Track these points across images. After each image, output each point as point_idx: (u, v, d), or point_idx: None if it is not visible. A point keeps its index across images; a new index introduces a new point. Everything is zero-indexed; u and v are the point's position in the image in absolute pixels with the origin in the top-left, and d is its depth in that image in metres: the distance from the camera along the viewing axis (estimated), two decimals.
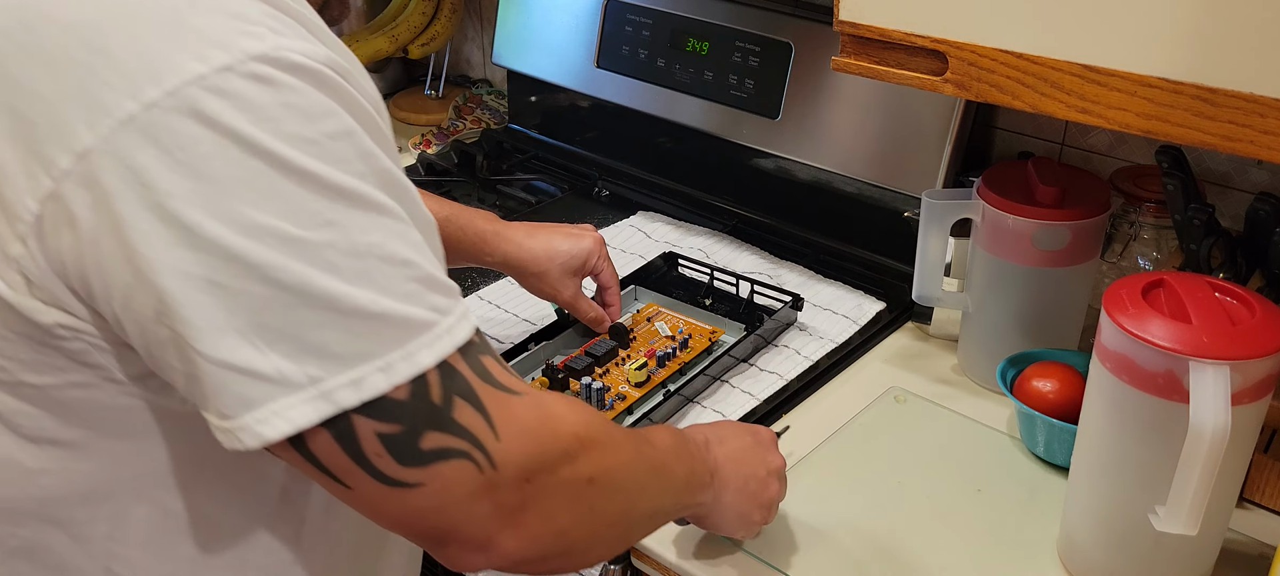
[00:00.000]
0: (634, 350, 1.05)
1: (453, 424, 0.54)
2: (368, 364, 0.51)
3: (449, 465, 0.54)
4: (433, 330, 0.54)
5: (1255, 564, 0.83)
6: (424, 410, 0.53)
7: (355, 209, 0.52)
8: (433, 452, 0.54)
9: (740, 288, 1.14)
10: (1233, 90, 0.70)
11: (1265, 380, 0.70)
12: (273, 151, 0.49)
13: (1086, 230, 0.95)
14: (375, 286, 0.52)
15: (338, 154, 0.51)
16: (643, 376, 0.99)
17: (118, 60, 0.49)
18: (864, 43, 0.87)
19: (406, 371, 0.52)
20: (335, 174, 0.51)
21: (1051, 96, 0.78)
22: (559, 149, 1.54)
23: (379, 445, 0.53)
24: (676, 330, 1.08)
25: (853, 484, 0.91)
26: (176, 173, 0.48)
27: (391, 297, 0.52)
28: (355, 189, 0.52)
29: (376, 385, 0.52)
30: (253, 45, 0.50)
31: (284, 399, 0.51)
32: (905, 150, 1.16)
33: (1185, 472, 0.69)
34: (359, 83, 0.56)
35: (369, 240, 0.52)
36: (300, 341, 0.51)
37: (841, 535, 0.86)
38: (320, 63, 0.52)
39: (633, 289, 1.15)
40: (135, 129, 0.48)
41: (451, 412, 0.54)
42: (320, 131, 0.51)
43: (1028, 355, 0.98)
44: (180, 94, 0.48)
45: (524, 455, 0.56)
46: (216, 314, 0.50)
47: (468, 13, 1.76)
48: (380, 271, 0.52)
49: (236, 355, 0.50)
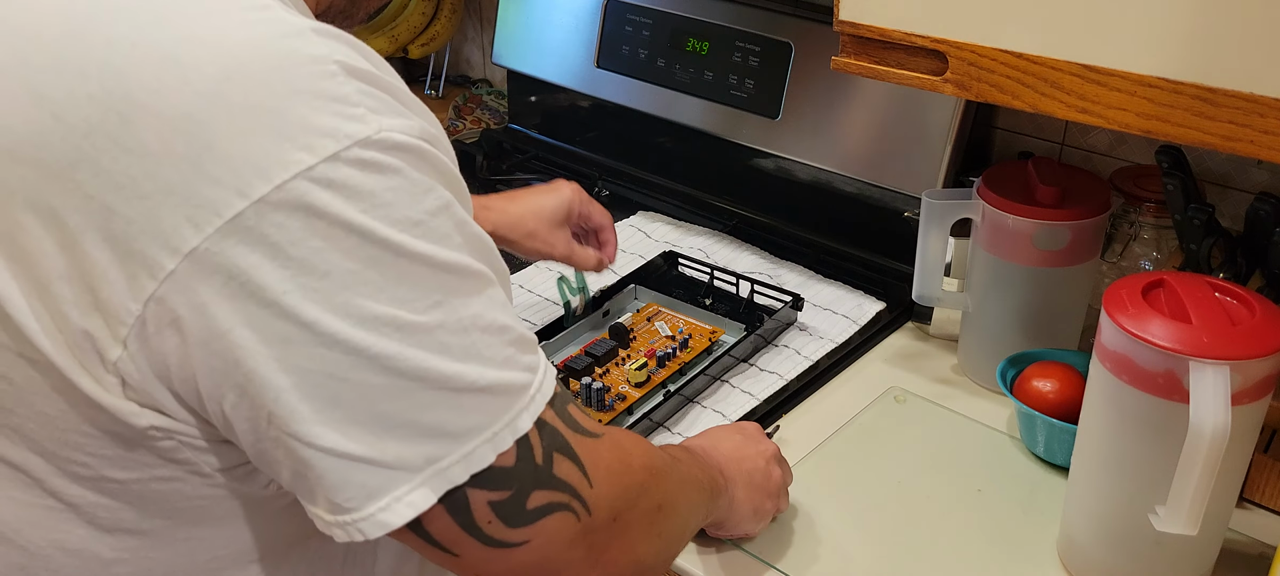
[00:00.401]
0: (634, 350, 1.05)
1: (554, 479, 0.55)
2: (477, 438, 0.52)
3: (552, 519, 0.55)
4: (528, 392, 0.54)
5: (1255, 564, 0.83)
6: (529, 472, 0.54)
7: (459, 283, 0.52)
8: (538, 510, 0.54)
9: (740, 287, 1.14)
10: (1233, 90, 0.70)
11: (1265, 380, 0.70)
12: (385, 239, 0.48)
13: (1086, 230, 0.95)
14: (481, 360, 0.52)
15: (440, 230, 0.51)
16: (643, 376, 0.99)
17: (222, 154, 0.47)
18: (864, 43, 0.87)
19: (510, 438, 0.53)
20: (440, 252, 0.51)
21: (1051, 96, 0.78)
22: (559, 149, 1.54)
23: (490, 513, 0.53)
24: (677, 330, 1.08)
25: (853, 484, 0.91)
26: (289, 269, 0.47)
27: (495, 367, 0.52)
28: (457, 263, 0.52)
29: (484, 457, 0.52)
30: (357, 129, 0.48)
31: (404, 485, 0.51)
32: (905, 150, 1.16)
33: (1185, 472, 0.69)
34: (444, 147, 0.55)
35: (472, 313, 0.52)
36: (417, 425, 0.50)
37: (841, 535, 0.86)
38: (418, 138, 0.51)
39: (633, 288, 1.15)
40: (243, 226, 0.47)
41: (552, 469, 0.55)
42: (424, 210, 0.50)
43: (1028, 355, 0.98)
44: (288, 188, 0.47)
45: (613, 496, 0.58)
46: (333, 408, 0.49)
47: (468, 13, 1.76)
48: (484, 343, 0.52)
49: (354, 446, 0.50)
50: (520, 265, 1.23)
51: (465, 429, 0.51)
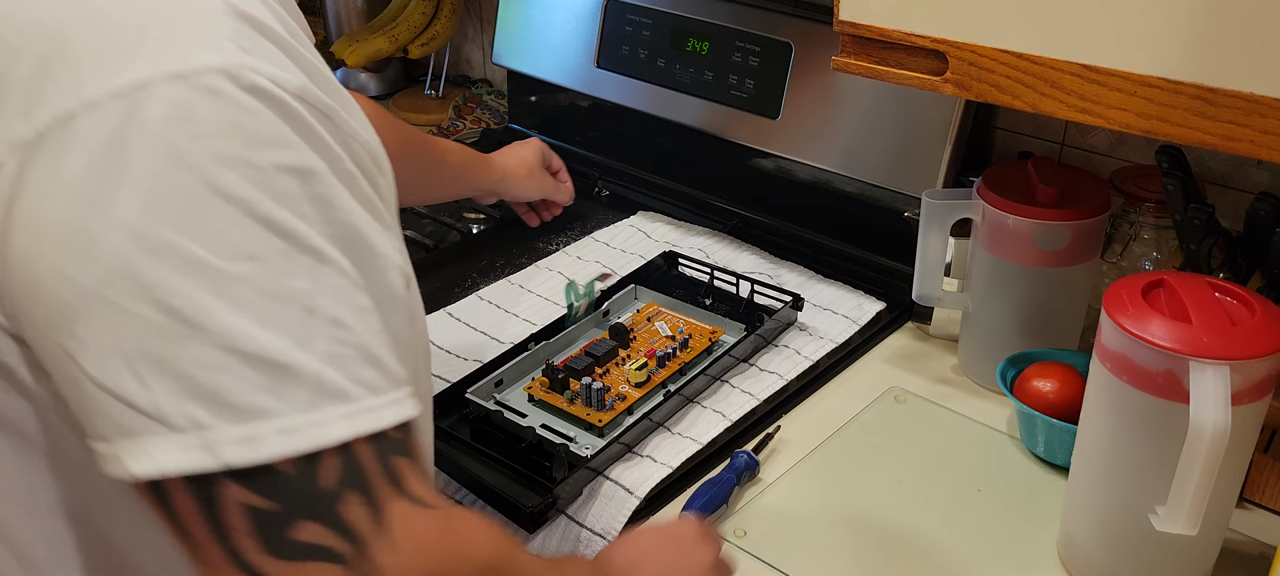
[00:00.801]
0: (634, 350, 1.05)
1: (335, 518, 0.46)
2: (267, 421, 0.45)
3: (315, 568, 0.46)
4: (352, 403, 0.47)
5: (1255, 564, 0.83)
6: (306, 494, 0.46)
7: (289, 251, 0.46)
8: (304, 547, 0.46)
9: (740, 287, 1.14)
10: (1233, 90, 0.70)
11: (1265, 380, 0.70)
12: (204, 171, 0.45)
13: (1086, 230, 0.95)
14: (292, 336, 0.46)
15: (282, 188, 0.47)
16: (643, 376, 0.99)
17: (71, 57, 0.46)
18: (864, 43, 0.87)
19: (313, 439, 0.46)
20: (272, 208, 0.46)
21: (1051, 96, 0.78)
22: (559, 149, 1.53)
23: (245, 519, 0.46)
24: (676, 330, 1.08)
25: (853, 484, 0.91)
26: (96, 177, 0.45)
27: (310, 354, 0.46)
28: (293, 229, 0.47)
29: (273, 448, 0.45)
30: (212, 59, 0.46)
31: (159, 439, 0.45)
32: (905, 150, 1.16)
33: (1185, 472, 0.69)
34: (347, 128, 0.52)
35: (295, 286, 0.46)
36: (188, 380, 0.45)
37: (841, 535, 0.86)
38: (290, 93, 0.48)
39: (633, 288, 1.15)
40: (71, 128, 0.45)
41: (337, 505, 0.46)
42: (268, 160, 0.46)
43: (1028, 355, 0.98)
44: (124, 97, 0.45)
45: (418, 574, 0.48)
46: (103, 332, 0.45)
47: (468, 13, 1.76)
48: (302, 322, 0.46)
49: (116, 381, 0.45)
50: (521, 267, 1.23)
51: (250, 406, 0.45)
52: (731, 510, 0.88)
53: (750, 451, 0.91)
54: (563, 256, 1.26)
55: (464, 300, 1.16)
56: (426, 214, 1.35)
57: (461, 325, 1.11)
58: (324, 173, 0.49)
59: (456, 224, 1.33)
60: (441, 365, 1.04)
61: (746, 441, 0.95)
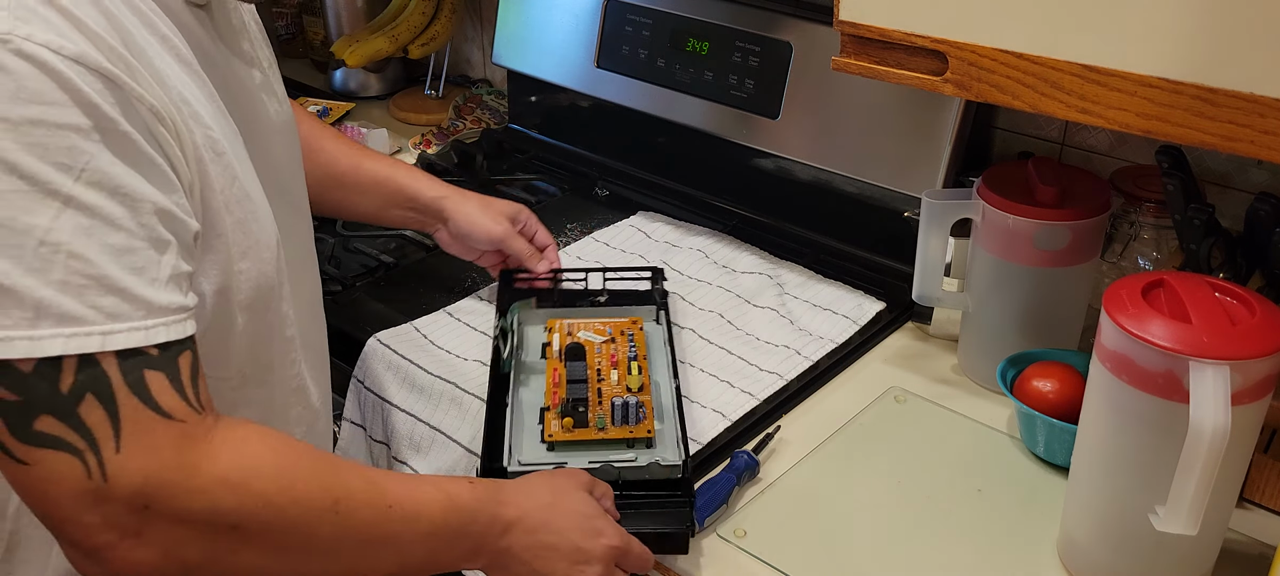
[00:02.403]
0: (599, 360, 0.99)
1: (73, 417, 0.56)
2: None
3: (57, 456, 0.56)
4: (80, 324, 0.55)
5: (1255, 564, 0.83)
6: (45, 394, 0.55)
7: (29, 191, 0.54)
8: (43, 436, 0.56)
9: (590, 280, 1.10)
10: (1233, 90, 0.70)
11: (1265, 380, 0.70)
12: None
13: (1086, 230, 0.95)
14: (18, 263, 0.54)
15: (35, 139, 0.54)
16: (639, 380, 0.96)
17: None
18: (864, 43, 0.87)
19: (25, 349, 0.55)
20: (20, 155, 0.54)
21: (1051, 96, 0.78)
22: (559, 149, 1.54)
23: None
24: (604, 332, 1.04)
25: (853, 484, 0.91)
26: None
27: (35, 279, 0.54)
28: (37, 173, 0.54)
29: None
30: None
31: None
32: (905, 150, 1.16)
33: (1185, 472, 0.69)
34: (129, 95, 0.58)
35: (31, 221, 0.54)
36: None
37: (841, 535, 0.86)
38: (67, 59, 0.55)
39: (532, 311, 1.10)
40: None
41: (76, 406, 0.56)
42: (23, 115, 0.54)
43: (1028, 355, 0.98)
44: None
45: (141, 477, 0.57)
46: None
47: (468, 13, 1.76)
48: (32, 253, 0.54)
49: None
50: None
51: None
52: (731, 510, 0.88)
53: (750, 451, 0.91)
54: (563, 256, 1.26)
55: (464, 300, 1.16)
56: None
57: (461, 325, 1.11)
58: (87, 128, 0.56)
59: None
60: (442, 365, 1.04)
61: (746, 441, 0.95)
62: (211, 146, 0.67)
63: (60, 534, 0.58)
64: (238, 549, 0.61)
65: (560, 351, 1.00)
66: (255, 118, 0.78)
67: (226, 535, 0.60)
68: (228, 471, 0.60)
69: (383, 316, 1.12)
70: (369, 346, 1.07)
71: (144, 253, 0.58)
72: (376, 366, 1.06)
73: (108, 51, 0.58)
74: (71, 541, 0.58)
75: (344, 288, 1.18)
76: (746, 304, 1.15)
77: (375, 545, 0.67)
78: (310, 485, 0.64)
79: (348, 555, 0.66)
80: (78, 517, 0.57)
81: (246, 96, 0.77)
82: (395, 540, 0.68)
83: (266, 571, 0.63)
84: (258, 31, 0.84)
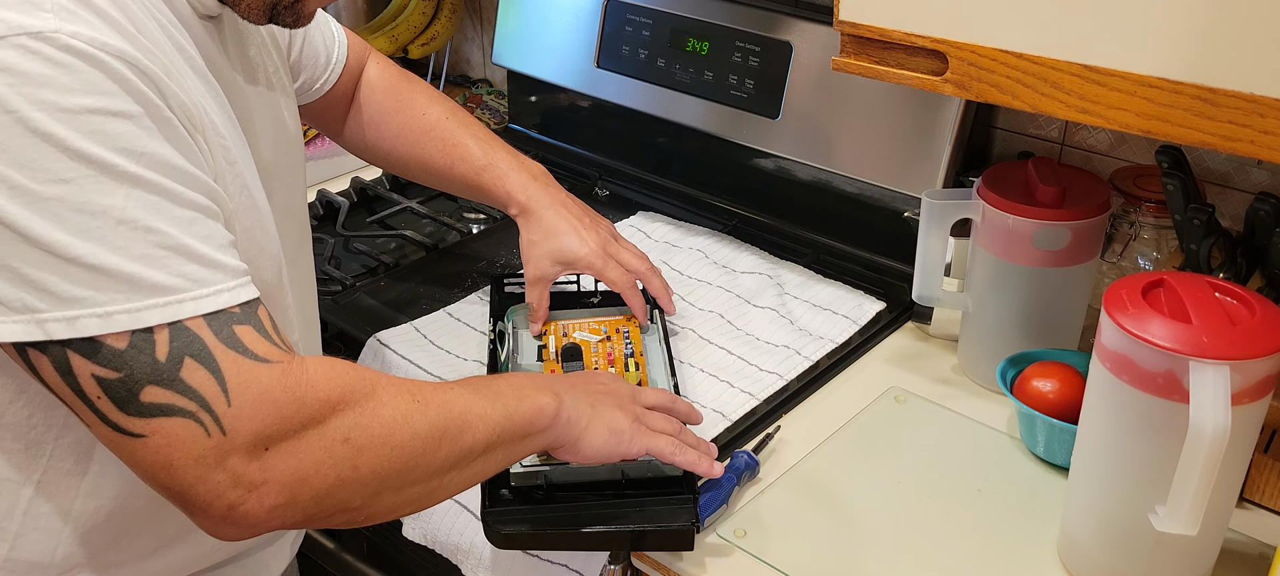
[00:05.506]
0: (594, 359, 1.00)
1: (178, 382, 0.58)
2: (83, 309, 0.57)
3: (173, 422, 0.58)
4: (171, 293, 0.58)
5: (1255, 564, 0.83)
6: (145, 365, 0.58)
7: (99, 175, 0.57)
8: (154, 406, 0.58)
9: (583, 280, 1.11)
10: (1233, 90, 0.70)
11: (1265, 380, 0.70)
12: (20, 113, 0.55)
13: (1086, 230, 0.96)
14: (103, 243, 0.57)
15: (95, 127, 0.57)
16: (636, 378, 0.97)
17: None
18: (864, 43, 0.87)
19: (125, 323, 0.57)
20: (84, 143, 0.56)
21: (1051, 96, 0.78)
22: (559, 149, 1.54)
23: (97, 388, 0.58)
24: (599, 331, 1.05)
25: (853, 484, 0.91)
26: None
27: (120, 255, 0.57)
28: (103, 158, 0.57)
29: (88, 327, 0.57)
30: (30, 22, 0.56)
31: (4, 313, 0.57)
32: (905, 150, 1.16)
33: (1185, 472, 0.69)
34: (166, 88, 0.61)
35: (107, 203, 0.57)
36: (18, 275, 0.56)
37: (841, 535, 0.86)
38: (111, 54, 0.58)
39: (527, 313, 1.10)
40: None
41: (178, 371, 0.58)
42: (81, 104, 0.56)
43: (1028, 355, 0.98)
44: None
45: (258, 422, 0.59)
46: None
47: (468, 13, 1.76)
48: (113, 232, 0.57)
49: None
50: (521, 267, 1.21)
51: (70, 296, 0.57)
52: (731, 510, 0.88)
53: (750, 451, 0.91)
54: None
55: (464, 300, 1.16)
56: (426, 214, 1.35)
57: (461, 325, 1.11)
58: (140, 115, 0.59)
59: (456, 224, 1.33)
60: (442, 365, 1.04)
61: (746, 441, 0.95)
62: (225, 154, 0.69)
63: (189, 501, 0.60)
64: (356, 460, 0.63)
65: (557, 352, 1.01)
66: (263, 131, 0.79)
67: (341, 448, 0.63)
68: (329, 393, 0.63)
69: (383, 316, 1.12)
70: (369, 346, 1.07)
71: (206, 222, 0.62)
72: (376, 366, 1.06)
73: (143, 49, 0.61)
74: (202, 507, 0.59)
75: (344, 288, 1.18)
76: (746, 304, 1.15)
77: (447, 421, 0.69)
78: (395, 383, 0.68)
79: (445, 434, 0.69)
80: (205, 477, 0.59)
81: (254, 109, 0.79)
82: (458, 415, 0.70)
83: (383, 475, 0.65)
84: (273, 46, 0.86)
